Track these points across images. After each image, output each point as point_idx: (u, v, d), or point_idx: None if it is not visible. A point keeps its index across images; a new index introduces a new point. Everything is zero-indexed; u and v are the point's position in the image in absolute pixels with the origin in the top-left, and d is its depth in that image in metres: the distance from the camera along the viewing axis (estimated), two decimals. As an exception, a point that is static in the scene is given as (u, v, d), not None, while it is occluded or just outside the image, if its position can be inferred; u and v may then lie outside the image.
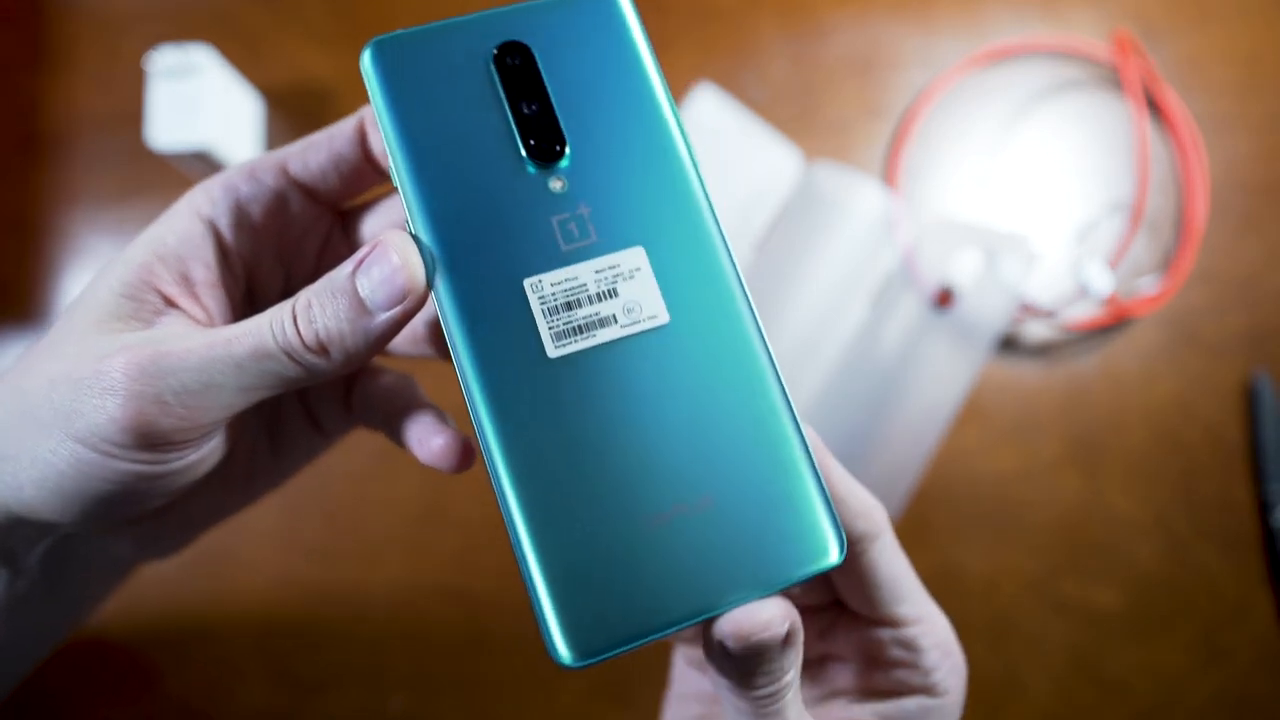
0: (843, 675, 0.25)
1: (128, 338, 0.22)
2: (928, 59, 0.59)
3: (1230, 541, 0.53)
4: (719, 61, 0.59)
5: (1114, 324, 0.55)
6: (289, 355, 0.21)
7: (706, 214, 0.21)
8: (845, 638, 0.24)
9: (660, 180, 0.21)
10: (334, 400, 0.29)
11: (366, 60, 0.21)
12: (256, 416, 0.28)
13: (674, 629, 0.19)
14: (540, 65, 0.21)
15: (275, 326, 0.21)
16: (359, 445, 0.54)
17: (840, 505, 0.21)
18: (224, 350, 0.21)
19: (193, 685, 0.51)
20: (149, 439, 0.21)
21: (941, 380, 0.53)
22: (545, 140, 0.21)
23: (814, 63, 0.59)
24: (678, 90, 0.58)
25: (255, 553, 0.53)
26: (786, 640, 0.19)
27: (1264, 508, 0.53)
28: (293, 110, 0.58)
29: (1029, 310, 0.54)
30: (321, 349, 0.21)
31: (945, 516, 0.52)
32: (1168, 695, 0.51)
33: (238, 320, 0.25)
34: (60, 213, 0.57)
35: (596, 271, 0.20)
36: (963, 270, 0.54)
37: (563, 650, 0.18)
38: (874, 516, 0.22)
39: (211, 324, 0.25)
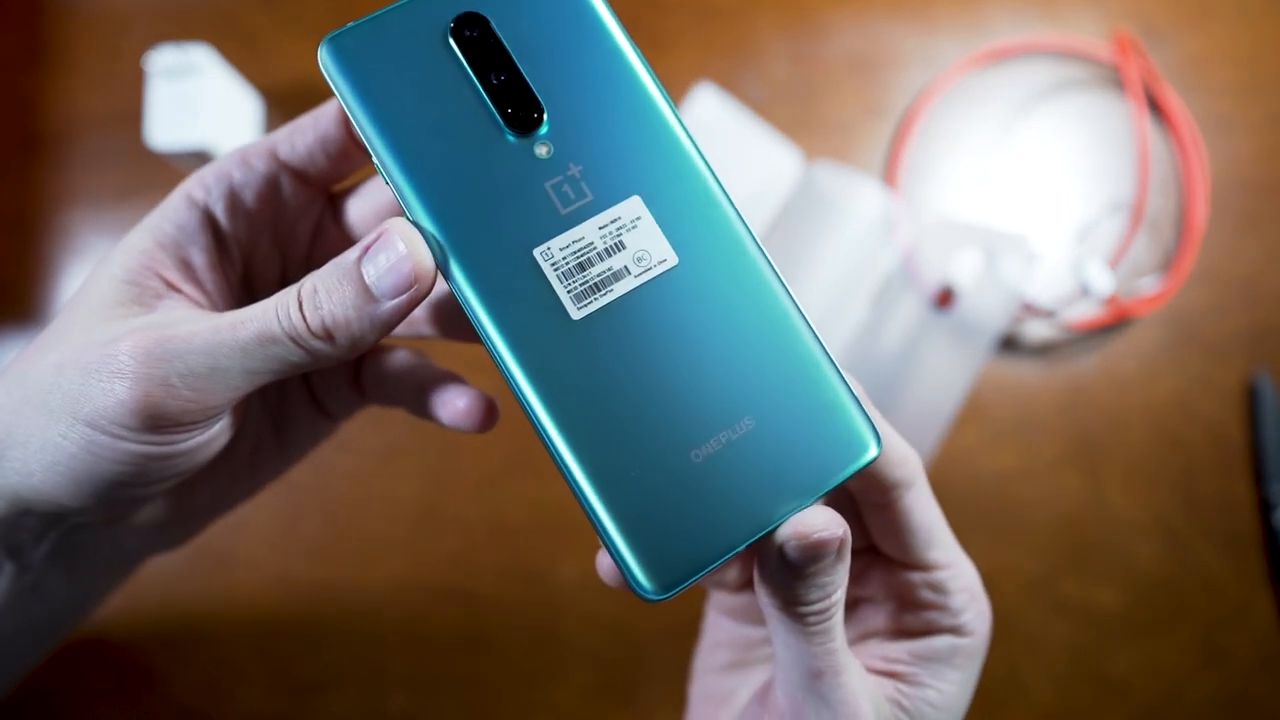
0: (875, 617, 0.25)
1: (134, 322, 0.22)
2: (928, 58, 0.59)
3: (1230, 541, 0.53)
4: (718, 61, 0.59)
5: (1114, 324, 0.55)
6: (294, 340, 0.21)
7: (693, 153, 0.22)
8: (879, 581, 0.25)
9: (643, 128, 0.21)
10: (340, 383, 0.29)
11: (325, 58, 0.21)
12: (261, 402, 0.28)
13: (740, 548, 0.20)
14: (499, 33, 0.21)
15: (281, 312, 0.21)
16: (359, 445, 0.54)
17: (882, 458, 0.22)
18: (230, 335, 0.21)
19: (193, 685, 0.51)
20: (157, 420, 0.21)
21: (942, 380, 0.53)
22: (521, 108, 0.21)
23: (814, 62, 0.59)
24: (677, 90, 0.58)
25: (255, 552, 0.53)
26: (839, 551, 0.20)
27: (1264, 507, 0.53)
28: (293, 110, 0.58)
29: (1029, 310, 0.54)
30: (327, 335, 0.21)
31: (945, 516, 0.52)
32: (1168, 695, 0.51)
33: (237, 304, 0.26)
34: (60, 212, 0.57)
35: (600, 228, 0.21)
36: (963, 270, 0.54)
37: (647, 585, 0.19)
38: (909, 464, 0.23)
39: (212, 308, 0.25)
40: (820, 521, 0.20)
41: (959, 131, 0.59)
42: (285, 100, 0.58)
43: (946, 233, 0.56)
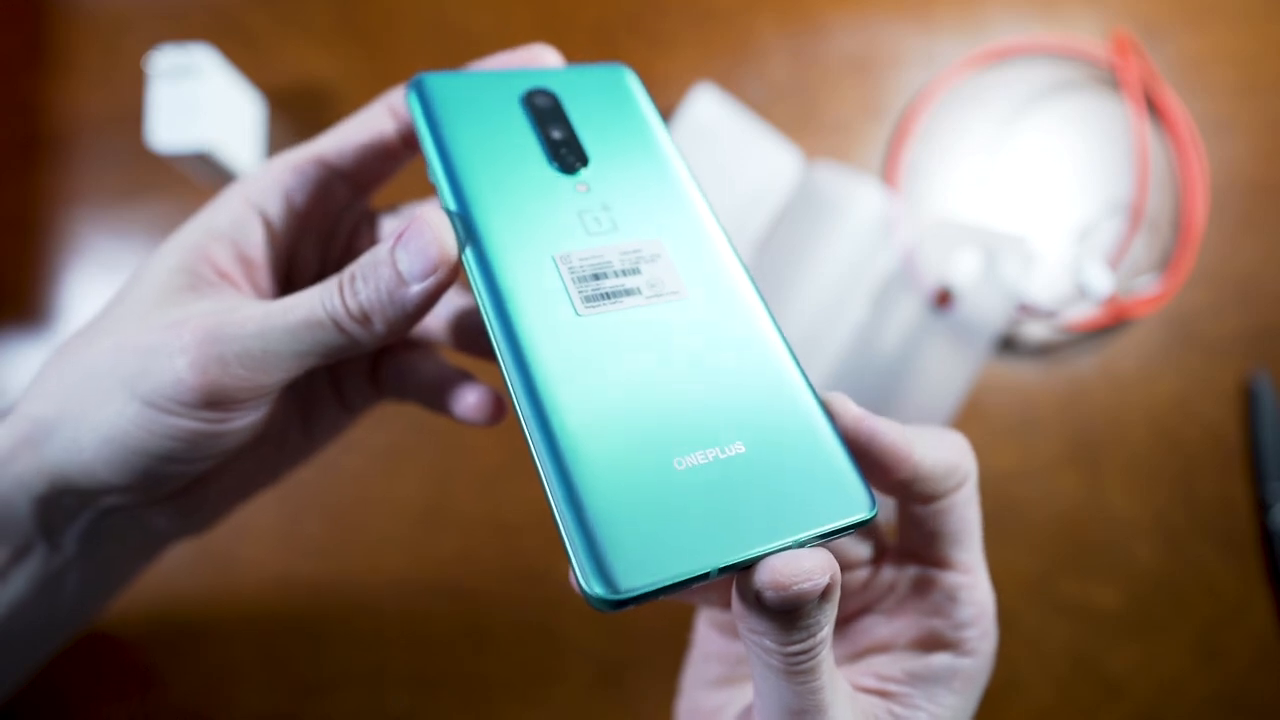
0: (876, 628, 0.24)
1: (190, 308, 0.24)
2: (927, 59, 0.59)
3: (1229, 541, 0.53)
4: (718, 61, 0.59)
5: (1113, 324, 0.56)
6: (336, 324, 0.23)
7: (713, 221, 0.24)
8: (889, 581, 0.24)
9: (671, 193, 0.24)
10: (361, 378, 0.31)
11: (414, 86, 0.24)
12: (290, 393, 0.30)
13: (710, 575, 0.18)
14: (564, 106, 0.25)
15: (325, 298, 0.23)
16: (360, 445, 0.54)
17: (931, 476, 0.22)
18: (280, 319, 0.23)
19: (193, 685, 0.51)
20: (213, 397, 0.23)
21: (941, 380, 0.53)
22: (570, 155, 0.24)
23: (813, 62, 0.59)
24: (677, 91, 0.58)
25: (256, 552, 0.53)
26: (825, 594, 0.18)
27: (1263, 507, 0.53)
28: (294, 110, 0.58)
29: (1028, 310, 0.55)
30: (365, 318, 0.23)
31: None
32: (1166, 694, 0.51)
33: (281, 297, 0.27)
34: (61, 214, 0.57)
35: (621, 253, 0.22)
36: (962, 271, 0.54)
37: (595, 588, 0.17)
38: (959, 474, 0.22)
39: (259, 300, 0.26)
40: (804, 568, 0.18)
41: (958, 132, 0.59)
42: (286, 101, 0.58)
43: (946, 233, 0.56)
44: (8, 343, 0.56)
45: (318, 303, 0.23)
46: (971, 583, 0.23)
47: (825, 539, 0.19)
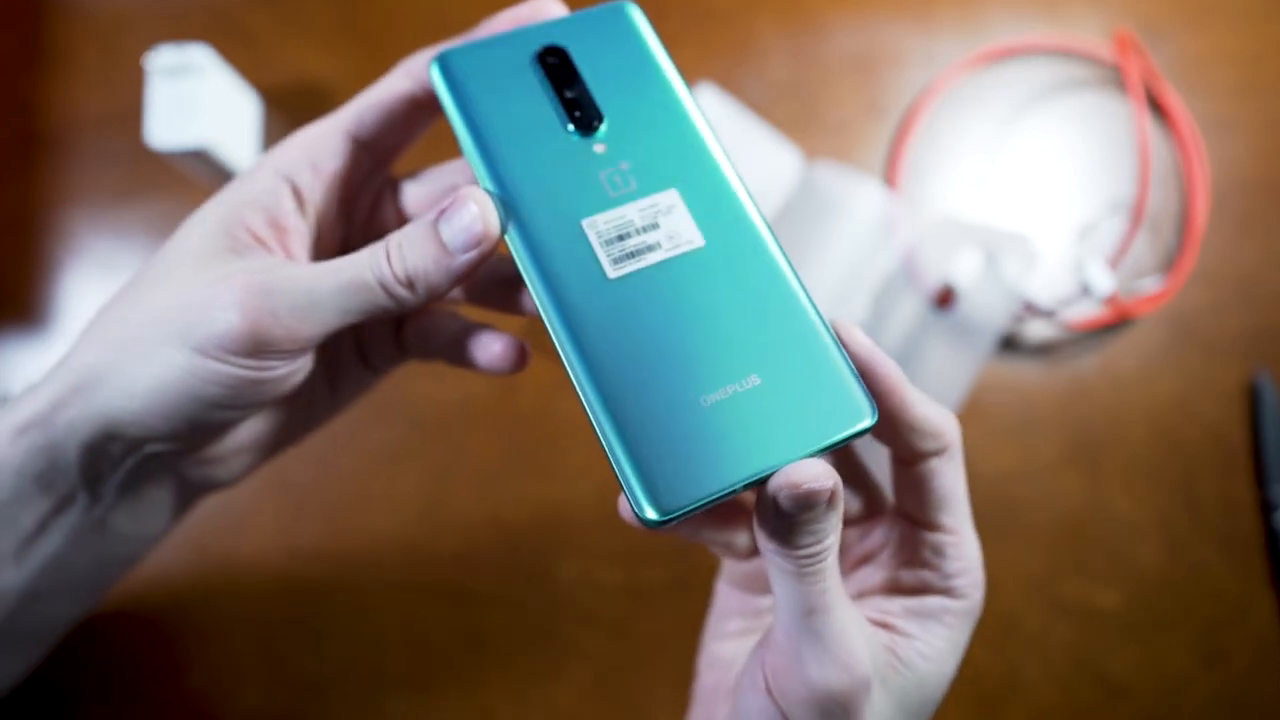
0: (875, 575, 0.28)
1: (238, 265, 0.26)
2: (928, 58, 0.59)
3: (1231, 542, 0.53)
4: (718, 61, 0.59)
5: (1115, 324, 0.55)
6: (383, 286, 0.25)
7: (723, 159, 0.26)
8: (883, 537, 0.28)
9: (682, 136, 0.26)
10: (385, 340, 0.33)
11: (434, 67, 0.26)
12: (318, 352, 0.31)
13: (737, 488, 0.22)
14: (575, 61, 0.26)
15: (372, 262, 0.25)
16: (360, 444, 0.54)
17: (917, 431, 0.24)
18: (331, 278, 0.25)
19: (191, 684, 0.51)
20: (261, 346, 0.25)
21: (942, 380, 0.53)
22: (586, 115, 0.25)
23: (814, 62, 0.59)
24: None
25: (255, 552, 0.53)
26: (830, 501, 0.21)
27: (1265, 508, 0.53)
28: (291, 109, 0.58)
29: (1029, 310, 0.54)
30: (409, 283, 0.25)
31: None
32: (1168, 696, 0.51)
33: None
34: (59, 213, 0.57)
35: (640, 210, 0.25)
36: (963, 270, 0.54)
37: (648, 509, 0.21)
38: (945, 438, 0.25)
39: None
40: (812, 473, 0.21)
41: (959, 131, 0.59)
42: (284, 100, 0.58)
43: (947, 231, 0.56)
44: (6, 342, 0.56)
45: (365, 266, 0.25)
46: (957, 541, 0.26)
47: (834, 447, 0.22)
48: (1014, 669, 0.52)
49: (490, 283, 0.31)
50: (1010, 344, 0.56)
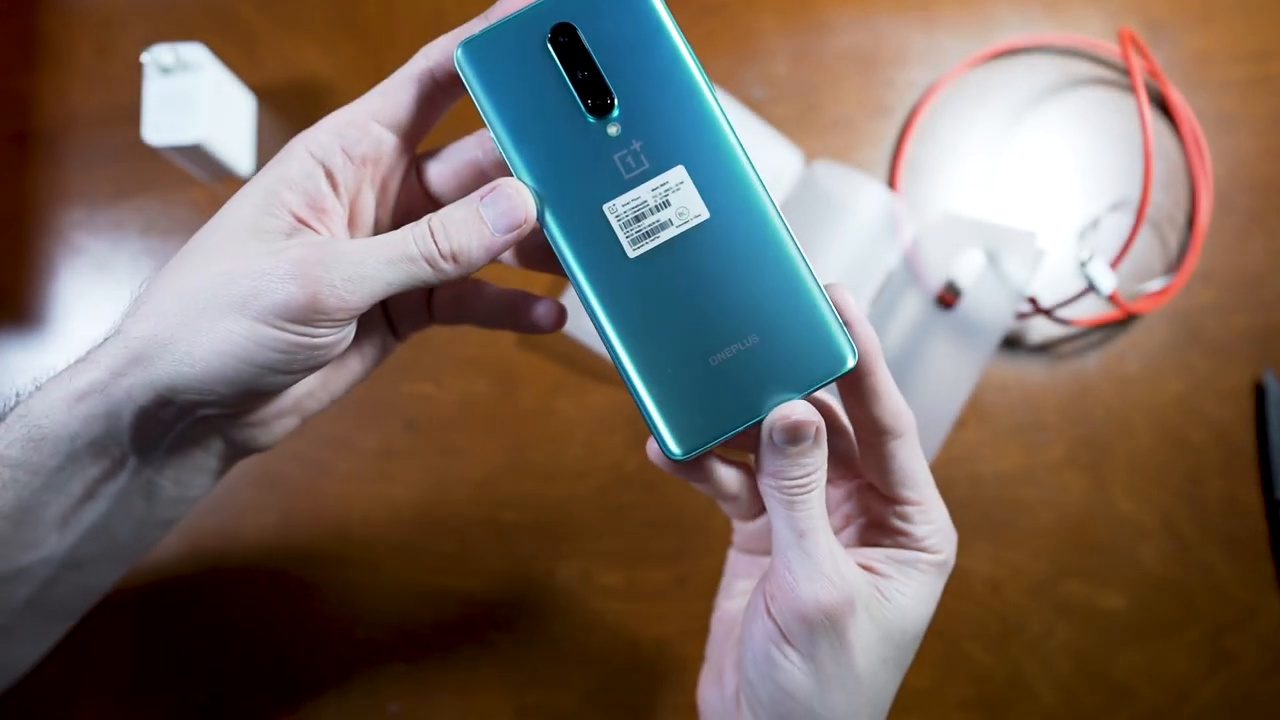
0: (856, 536, 0.32)
1: (291, 240, 0.28)
2: (931, 56, 0.59)
3: (1237, 543, 0.52)
4: (719, 60, 0.59)
5: (1119, 322, 0.55)
6: (428, 260, 0.27)
7: (728, 134, 0.28)
8: (861, 505, 0.32)
9: (689, 112, 0.28)
10: (416, 309, 0.36)
11: (459, 57, 0.28)
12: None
13: (741, 427, 0.27)
14: (584, 39, 0.28)
15: (417, 238, 0.27)
16: (357, 446, 0.54)
17: (881, 404, 0.28)
18: (380, 251, 0.27)
19: (192, 686, 0.51)
20: (316, 314, 0.27)
21: (945, 380, 0.53)
22: (598, 98, 0.28)
23: (815, 60, 0.59)
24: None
25: (253, 554, 0.52)
26: (815, 437, 0.27)
27: (1271, 509, 0.52)
28: (286, 107, 0.58)
29: (1033, 308, 0.54)
30: (453, 258, 0.28)
31: (948, 515, 0.52)
32: (1173, 698, 0.51)
33: None
34: (54, 211, 0.57)
35: (653, 190, 0.28)
36: (966, 269, 0.54)
37: (674, 447, 0.27)
38: (903, 421, 0.29)
39: None
40: (800, 411, 0.26)
41: (962, 130, 0.58)
42: (279, 98, 0.58)
43: (951, 228, 0.55)
44: (2, 342, 0.56)
45: (410, 241, 0.27)
46: (920, 511, 0.30)
47: (822, 386, 0.27)
48: (1017, 671, 0.51)
49: (540, 250, 0.34)
50: (1013, 343, 0.55)
